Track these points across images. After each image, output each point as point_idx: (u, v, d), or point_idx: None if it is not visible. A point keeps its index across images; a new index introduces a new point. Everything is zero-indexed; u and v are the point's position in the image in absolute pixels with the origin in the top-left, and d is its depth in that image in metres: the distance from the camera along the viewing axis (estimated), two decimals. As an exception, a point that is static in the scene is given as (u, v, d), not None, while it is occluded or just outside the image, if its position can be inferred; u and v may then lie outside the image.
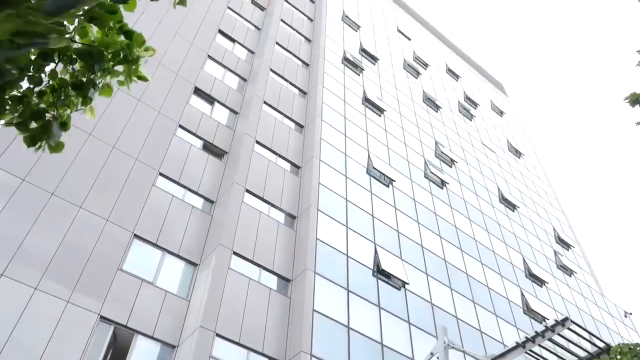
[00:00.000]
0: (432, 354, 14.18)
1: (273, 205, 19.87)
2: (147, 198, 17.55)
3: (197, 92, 23.00)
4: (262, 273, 17.50)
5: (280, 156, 22.21)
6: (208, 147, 21.32)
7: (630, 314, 34.58)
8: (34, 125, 4.03)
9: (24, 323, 12.70)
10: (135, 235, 16.42)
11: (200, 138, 21.20)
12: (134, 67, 4.22)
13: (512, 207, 33.92)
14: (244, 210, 18.47)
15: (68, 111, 4.30)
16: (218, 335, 14.77)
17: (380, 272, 19.91)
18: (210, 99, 23.32)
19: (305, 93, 27.18)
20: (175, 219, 17.75)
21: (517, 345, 10.66)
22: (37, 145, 4.06)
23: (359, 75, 31.59)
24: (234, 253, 17.04)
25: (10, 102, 3.96)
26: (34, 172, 15.34)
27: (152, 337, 14.74)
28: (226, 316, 15.29)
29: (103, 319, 14.15)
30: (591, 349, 10.66)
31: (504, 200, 33.66)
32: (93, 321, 13.83)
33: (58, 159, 16.20)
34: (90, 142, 17.39)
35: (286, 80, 26.79)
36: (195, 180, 19.49)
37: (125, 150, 18.22)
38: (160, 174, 18.64)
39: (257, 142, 21.57)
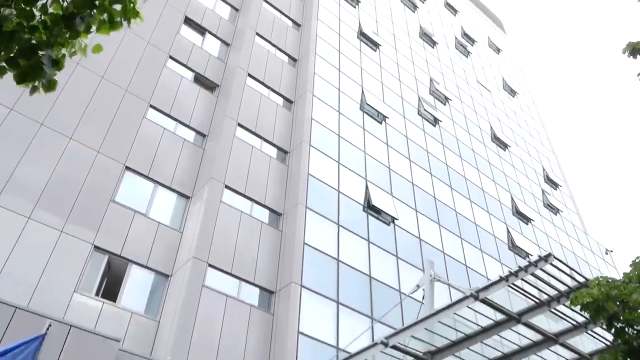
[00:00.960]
0: (418, 286, 14.66)
1: (265, 140, 19.80)
2: (138, 130, 17.39)
3: (188, 21, 22.28)
4: (254, 207, 17.70)
5: (272, 90, 21.89)
6: (199, 80, 20.92)
7: (611, 251, 35.67)
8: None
9: (18, 252, 12.90)
10: (127, 167, 16.41)
11: (191, 70, 20.76)
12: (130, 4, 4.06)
13: (504, 146, 34.04)
14: (236, 144, 18.41)
15: (63, 50, 4.17)
16: (210, 265, 15.12)
17: (370, 208, 20.21)
18: (201, 29, 22.64)
19: (299, 25, 26.43)
20: (167, 152, 17.70)
21: (500, 279, 11.02)
22: (30, 86, 3.96)
23: (354, 7, 30.65)
24: (226, 187, 17.15)
25: (2, 39, 3.83)
26: (22, 102, 15.06)
27: (146, 267, 15.07)
28: (218, 248, 15.59)
29: (97, 248, 14.39)
30: (571, 283, 11.06)
31: (496, 139, 33.73)
32: (87, 250, 14.06)
33: (46, 89, 15.86)
34: (79, 72, 16.98)
35: (279, 11, 25.95)
36: (187, 113, 19.27)
37: (114, 81, 17.85)
38: (151, 106, 18.38)
39: (250, 75, 21.18)
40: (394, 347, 11.91)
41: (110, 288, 14.37)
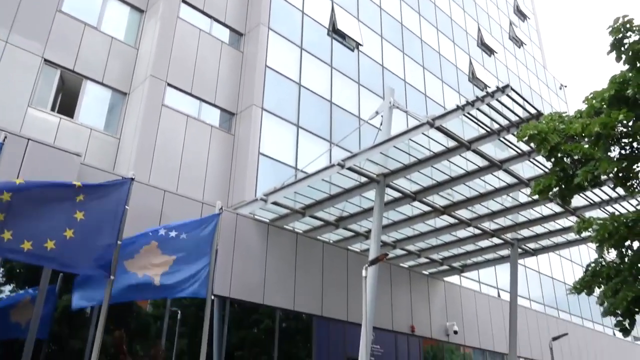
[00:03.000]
0: (377, 112, 14.98)
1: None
2: None
3: None
4: (214, 25, 16.83)
5: None
6: None
7: (565, 86, 36.68)
8: None
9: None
10: (72, -27, 14.89)
11: None
12: None
13: (478, -29, 32.35)
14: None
15: None
16: (169, 85, 14.81)
17: (335, 32, 19.56)
18: None
19: None
20: (115, -42, 16.00)
21: (457, 108, 11.32)
22: None
23: None
24: (183, 1, 16.04)
25: None
26: None
27: (101, 83, 14.63)
28: (177, 67, 15.12)
29: (48, 62, 13.71)
30: (523, 115, 11.50)
31: (471, -36, 31.89)
32: (37, 64, 13.39)
33: None
34: None
35: None
36: None
37: None
38: None
39: None
40: (350, 169, 12.54)
41: (66, 104, 14.05)
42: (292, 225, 14.86)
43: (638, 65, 7.12)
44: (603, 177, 7.28)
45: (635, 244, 7.38)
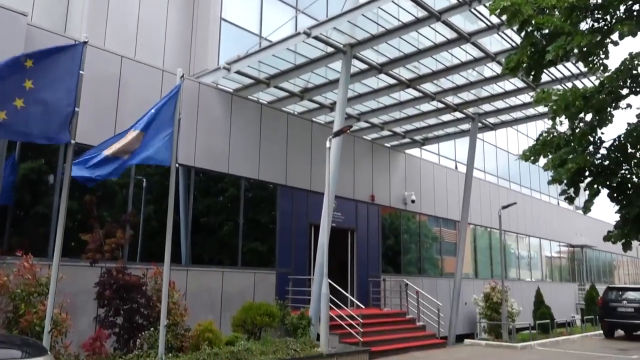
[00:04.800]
0: None
1: None
2: None
3: None
4: None
5: None
6: None
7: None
8: None
9: None
10: None
11: None
12: None
13: None
14: None
15: None
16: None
17: None
18: None
19: None
20: None
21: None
22: None
23: None
24: None
25: None
26: None
27: None
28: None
29: None
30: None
31: None
32: None
33: None
34: None
35: None
36: None
37: None
38: None
39: None
40: (317, 38, 12.15)
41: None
42: (257, 95, 14.66)
43: None
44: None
45: (589, 117, 7.63)
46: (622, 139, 7.47)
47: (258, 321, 10.61)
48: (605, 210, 72.55)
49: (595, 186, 7.49)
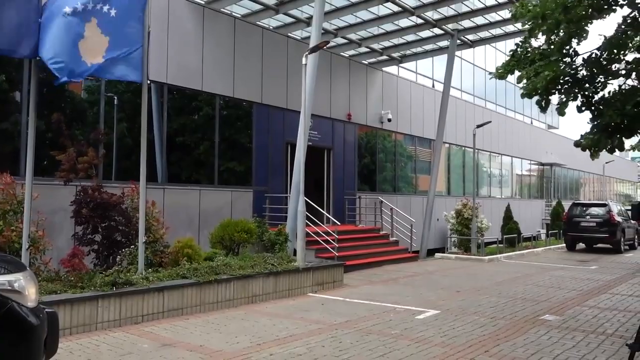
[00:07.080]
0: None
1: None
2: None
3: None
4: None
5: None
6: None
7: None
8: None
9: None
10: None
11: None
12: None
13: None
14: None
15: None
16: None
17: None
18: None
19: None
20: None
21: None
22: None
23: None
24: None
25: None
26: None
27: None
28: None
29: None
30: None
31: None
32: None
33: None
34: None
35: None
36: None
37: None
38: None
39: None
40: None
41: None
42: (230, 8, 14.05)
43: None
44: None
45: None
46: (600, 49, 7.42)
47: (236, 237, 10.81)
48: (575, 129, 74.14)
49: (570, 94, 7.51)
